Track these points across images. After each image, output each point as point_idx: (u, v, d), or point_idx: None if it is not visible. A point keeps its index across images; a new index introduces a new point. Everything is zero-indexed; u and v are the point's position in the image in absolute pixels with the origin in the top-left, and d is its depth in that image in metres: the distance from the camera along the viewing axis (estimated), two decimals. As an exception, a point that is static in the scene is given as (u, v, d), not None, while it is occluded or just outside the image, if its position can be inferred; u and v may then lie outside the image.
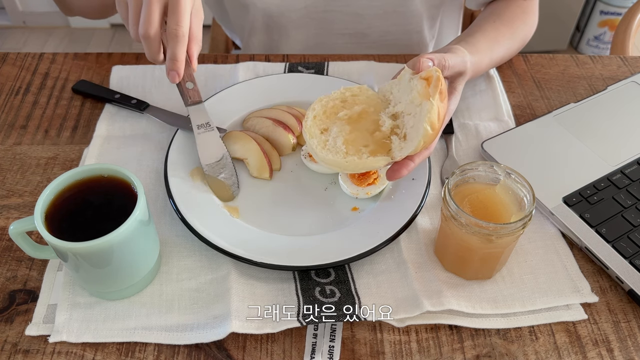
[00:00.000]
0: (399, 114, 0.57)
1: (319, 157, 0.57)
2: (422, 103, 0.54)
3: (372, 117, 0.58)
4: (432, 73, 0.55)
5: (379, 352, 0.53)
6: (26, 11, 2.43)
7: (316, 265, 0.56)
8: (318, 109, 0.59)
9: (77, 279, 0.56)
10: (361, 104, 0.59)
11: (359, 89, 0.60)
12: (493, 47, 0.73)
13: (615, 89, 0.79)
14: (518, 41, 0.79)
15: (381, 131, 0.57)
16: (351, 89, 0.60)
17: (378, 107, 0.59)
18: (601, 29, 2.23)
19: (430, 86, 0.54)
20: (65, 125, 0.75)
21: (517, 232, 0.52)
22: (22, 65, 0.83)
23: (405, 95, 0.57)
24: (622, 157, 0.69)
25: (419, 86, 0.55)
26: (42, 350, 0.52)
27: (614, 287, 0.58)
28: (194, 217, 0.60)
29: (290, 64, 0.83)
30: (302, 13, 0.89)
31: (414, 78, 0.56)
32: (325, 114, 0.59)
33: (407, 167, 0.56)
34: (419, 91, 0.55)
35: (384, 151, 0.56)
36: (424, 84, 0.55)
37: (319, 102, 0.59)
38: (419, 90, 0.55)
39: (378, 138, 0.57)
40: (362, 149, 0.56)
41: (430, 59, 0.58)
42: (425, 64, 0.57)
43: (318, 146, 0.56)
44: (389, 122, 0.57)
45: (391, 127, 0.57)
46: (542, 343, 0.54)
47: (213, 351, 0.53)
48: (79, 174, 0.53)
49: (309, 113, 0.58)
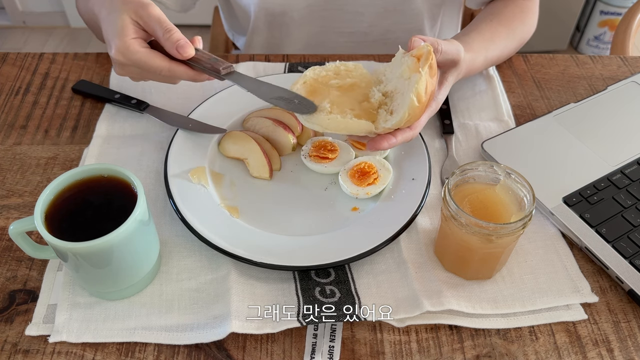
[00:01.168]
0: (389, 93, 0.58)
1: (302, 117, 0.57)
2: (411, 76, 0.55)
3: (363, 91, 0.59)
4: (423, 49, 0.56)
5: (379, 352, 0.53)
6: (26, 11, 2.43)
7: (316, 265, 0.56)
8: (309, 75, 0.59)
9: (77, 279, 0.56)
10: (354, 78, 0.60)
11: (354, 66, 0.61)
12: (488, 47, 0.73)
13: (615, 89, 0.79)
14: (516, 41, 0.79)
15: (369, 102, 0.58)
16: (346, 64, 0.61)
17: (370, 84, 0.60)
18: (601, 29, 2.23)
19: (420, 61, 0.55)
20: (65, 125, 0.75)
21: (517, 232, 0.52)
22: (22, 65, 0.83)
23: (396, 74, 0.58)
24: (622, 157, 0.69)
25: (409, 62, 0.56)
26: (42, 350, 0.52)
27: (614, 287, 0.58)
28: (194, 217, 0.60)
29: (290, 64, 0.83)
30: (303, 12, 0.89)
31: (406, 55, 0.57)
32: (316, 81, 0.59)
33: (388, 141, 0.57)
34: (409, 65, 0.56)
35: (368, 120, 0.57)
36: (414, 60, 0.56)
37: (312, 70, 0.60)
38: (409, 64, 0.56)
39: (365, 107, 0.58)
40: (348, 110, 0.56)
41: (422, 39, 0.58)
42: (417, 43, 0.58)
43: None
44: (379, 95, 0.58)
45: (380, 100, 0.58)
46: (542, 343, 0.54)
47: (213, 351, 0.53)
48: (79, 174, 0.53)
49: (299, 79, 0.59)
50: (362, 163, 0.66)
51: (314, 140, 0.69)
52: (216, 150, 0.70)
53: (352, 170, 0.65)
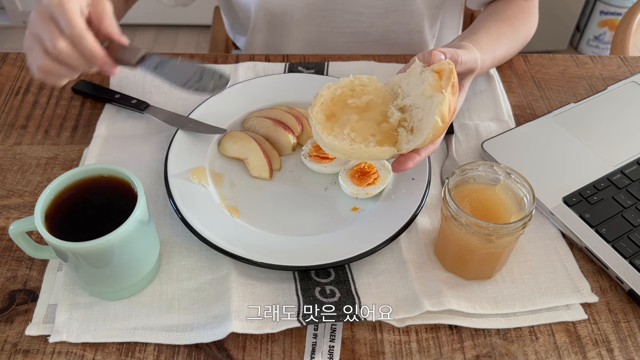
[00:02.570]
0: (407, 107, 0.57)
1: (325, 143, 0.56)
2: (433, 95, 0.53)
3: (380, 108, 0.58)
4: (444, 65, 0.54)
5: (379, 352, 0.53)
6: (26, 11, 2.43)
7: (316, 265, 0.56)
8: (326, 95, 0.58)
9: (77, 279, 0.56)
10: (369, 94, 0.59)
11: (368, 79, 0.60)
12: (495, 46, 0.73)
13: (615, 89, 0.79)
14: (519, 40, 0.79)
15: (389, 122, 0.57)
16: (360, 78, 0.60)
17: (386, 99, 0.58)
18: (601, 29, 2.23)
19: (442, 78, 0.54)
20: (65, 125, 0.75)
21: (517, 232, 0.52)
22: (22, 65, 0.83)
23: (415, 88, 0.56)
24: (622, 157, 0.69)
25: (431, 78, 0.54)
26: (42, 350, 0.52)
27: (614, 287, 0.58)
28: (194, 217, 0.60)
29: (290, 64, 0.83)
30: (303, 12, 0.89)
31: (425, 70, 0.55)
32: (332, 101, 0.58)
33: (412, 160, 0.56)
34: (431, 83, 0.54)
35: (390, 142, 0.56)
36: (436, 76, 0.54)
37: (327, 89, 0.59)
38: (430, 82, 0.54)
39: (385, 129, 0.57)
40: (369, 137, 0.56)
41: (442, 52, 0.57)
42: (437, 57, 0.56)
43: (324, 132, 0.56)
44: (397, 114, 0.57)
45: (399, 119, 0.57)
46: (542, 343, 0.54)
47: (213, 351, 0.53)
48: (79, 174, 0.53)
49: (317, 99, 0.58)
50: (362, 163, 0.66)
51: (314, 140, 0.69)
52: (216, 150, 0.70)
53: (352, 170, 0.65)
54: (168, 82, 0.62)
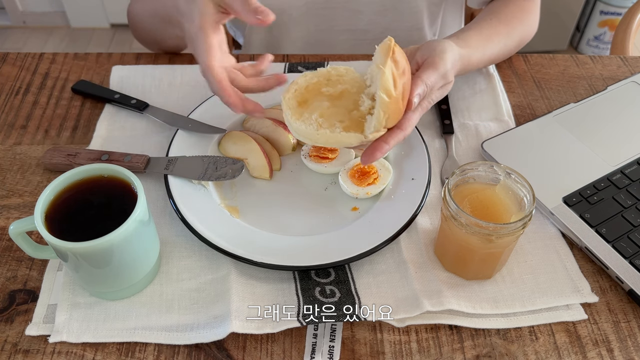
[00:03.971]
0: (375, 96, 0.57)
1: (292, 128, 0.57)
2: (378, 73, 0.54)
3: (354, 98, 0.58)
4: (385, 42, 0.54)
5: (379, 352, 0.53)
6: (26, 11, 2.43)
7: (316, 265, 0.56)
8: (301, 82, 0.59)
9: (77, 279, 0.56)
10: (345, 84, 0.59)
11: (345, 70, 0.60)
12: (486, 44, 0.73)
13: (615, 89, 0.79)
14: (515, 40, 0.79)
15: (359, 111, 0.57)
16: (337, 69, 0.60)
17: (361, 89, 0.59)
18: (601, 29, 2.23)
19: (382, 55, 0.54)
20: (65, 125, 0.75)
21: (517, 232, 0.52)
22: (22, 65, 0.83)
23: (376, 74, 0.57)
24: (622, 157, 0.69)
25: (377, 58, 0.55)
26: (42, 350, 0.52)
27: (614, 287, 0.58)
28: (194, 217, 0.60)
29: (290, 64, 0.83)
30: (302, 10, 0.89)
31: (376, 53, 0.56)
32: (306, 89, 0.59)
33: (380, 150, 0.56)
34: (377, 63, 0.54)
35: (358, 130, 0.56)
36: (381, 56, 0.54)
37: (304, 77, 0.59)
38: (376, 62, 0.55)
39: (355, 117, 0.57)
40: (337, 123, 0.56)
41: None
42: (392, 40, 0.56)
43: (292, 117, 0.56)
44: (368, 102, 0.57)
45: (369, 107, 0.57)
46: (542, 343, 0.54)
47: (213, 351, 0.53)
48: (79, 174, 0.53)
49: (291, 86, 0.58)
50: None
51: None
52: (216, 150, 0.70)
53: (352, 170, 0.65)
54: (187, 179, 0.65)
